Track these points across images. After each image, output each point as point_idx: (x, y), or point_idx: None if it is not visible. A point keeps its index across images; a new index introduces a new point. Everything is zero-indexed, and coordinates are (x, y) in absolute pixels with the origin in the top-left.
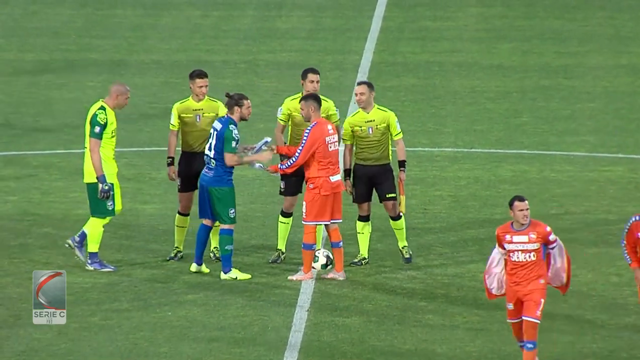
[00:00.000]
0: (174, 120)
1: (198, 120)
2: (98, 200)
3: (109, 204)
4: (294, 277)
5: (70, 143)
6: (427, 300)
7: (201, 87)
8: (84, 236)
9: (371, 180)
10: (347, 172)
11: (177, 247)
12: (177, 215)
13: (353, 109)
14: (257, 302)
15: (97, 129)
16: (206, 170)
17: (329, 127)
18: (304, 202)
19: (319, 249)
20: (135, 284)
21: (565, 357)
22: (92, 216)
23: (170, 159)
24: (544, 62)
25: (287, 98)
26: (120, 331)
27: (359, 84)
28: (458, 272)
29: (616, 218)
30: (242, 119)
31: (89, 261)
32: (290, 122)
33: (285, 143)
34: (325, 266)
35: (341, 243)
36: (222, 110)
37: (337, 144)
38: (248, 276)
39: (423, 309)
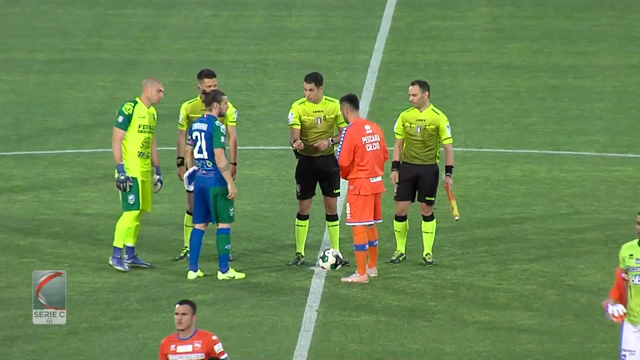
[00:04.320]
0: (183, 120)
1: None
2: (124, 193)
3: (130, 197)
4: (349, 279)
5: (80, 143)
6: (437, 300)
7: (210, 86)
8: (129, 250)
9: (415, 180)
10: (394, 165)
11: (186, 247)
12: (186, 215)
13: (364, 109)
14: (266, 302)
15: (120, 119)
16: (203, 172)
17: (367, 127)
18: (347, 204)
19: (328, 249)
20: (145, 283)
21: (575, 357)
22: (124, 211)
23: (180, 159)
24: (553, 62)
25: (294, 102)
26: (129, 331)
27: (412, 83)
28: (467, 272)
29: (626, 218)
30: (220, 114)
31: (112, 256)
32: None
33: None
34: (334, 266)
35: (376, 242)
36: (230, 110)
37: (377, 144)
38: (243, 275)
39: (432, 309)
